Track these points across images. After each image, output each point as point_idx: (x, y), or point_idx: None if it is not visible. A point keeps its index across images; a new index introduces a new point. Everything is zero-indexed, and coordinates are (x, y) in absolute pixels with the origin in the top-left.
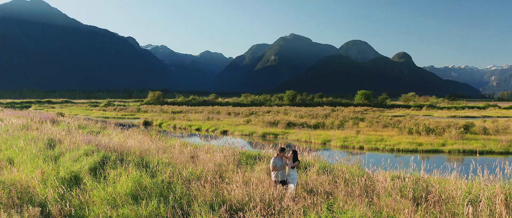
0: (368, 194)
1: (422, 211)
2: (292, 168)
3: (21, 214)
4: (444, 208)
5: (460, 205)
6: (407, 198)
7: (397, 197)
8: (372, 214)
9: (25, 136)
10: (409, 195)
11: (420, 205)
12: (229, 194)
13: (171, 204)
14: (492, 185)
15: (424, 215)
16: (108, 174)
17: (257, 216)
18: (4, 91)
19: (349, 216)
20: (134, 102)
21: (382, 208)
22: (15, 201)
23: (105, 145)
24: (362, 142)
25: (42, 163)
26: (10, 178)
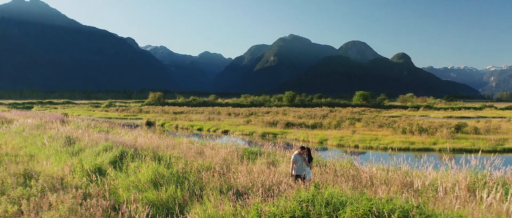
0: (354, 181)
1: (392, 191)
2: (309, 167)
3: (67, 195)
4: (411, 190)
5: (428, 189)
6: (385, 184)
7: (377, 182)
8: (348, 190)
9: (43, 134)
10: (389, 182)
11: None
12: (235, 181)
13: (187, 189)
14: (457, 175)
15: (394, 192)
16: (128, 166)
17: (259, 197)
18: (4, 92)
19: (330, 191)
20: (135, 103)
21: (362, 189)
22: (56, 187)
23: (121, 142)
24: (357, 141)
25: (66, 158)
26: (42, 170)
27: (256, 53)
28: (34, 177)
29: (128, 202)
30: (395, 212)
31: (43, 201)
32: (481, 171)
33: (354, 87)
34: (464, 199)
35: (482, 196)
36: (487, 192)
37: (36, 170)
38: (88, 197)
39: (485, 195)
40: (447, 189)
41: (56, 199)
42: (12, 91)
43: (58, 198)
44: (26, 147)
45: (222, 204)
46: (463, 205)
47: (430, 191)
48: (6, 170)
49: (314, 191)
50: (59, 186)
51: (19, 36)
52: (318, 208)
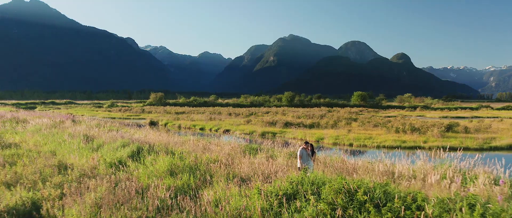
0: (340, 170)
1: (373, 177)
2: (312, 161)
3: (102, 180)
4: (392, 178)
5: (403, 178)
6: (368, 173)
7: (360, 171)
8: (330, 174)
9: (61, 133)
10: (372, 171)
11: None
12: (239, 171)
13: (198, 177)
14: (427, 166)
15: (374, 179)
16: (145, 159)
17: (259, 182)
18: (5, 92)
19: (315, 174)
20: (137, 103)
21: (345, 175)
22: (89, 175)
23: (135, 139)
24: (352, 140)
25: (88, 153)
26: (72, 163)
27: (255, 53)
28: (69, 167)
29: (151, 186)
30: (361, 188)
31: (82, 186)
32: (448, 163)
33: (354, 87)
34: (429, 183)
35: (441, 181)
36: (441, 177)
37: (68, 163)
38: (118, 182)
39: (433, 178)
40: (417, 177)
41: (94, 183)
42: (13, 91)
43: (95, 183)
44: (46, 144)
45: (229, 187)
46: (423, 186)
47: (405, 178)
48: (43, 162)
49: (302, 174)
50: (91, 175)
51: (19, 36)
52: (305, 187)
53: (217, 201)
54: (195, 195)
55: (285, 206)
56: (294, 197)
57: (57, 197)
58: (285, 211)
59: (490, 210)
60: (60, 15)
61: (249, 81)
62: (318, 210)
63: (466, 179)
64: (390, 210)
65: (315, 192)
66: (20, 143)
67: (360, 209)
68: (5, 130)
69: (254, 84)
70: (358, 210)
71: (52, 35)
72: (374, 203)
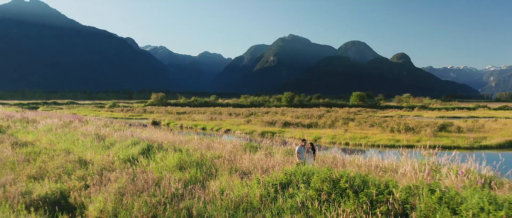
0: (331, 164)
1: (361, 171)
2: (313, 158)
3: (121, 173)
4: (375, 170)
5: (386, 170)
6: (357, 167)
7: (348, 165)
8: (320, 167)
9: (72, 132)
10: (360, 165)
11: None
12: (240, 165)
13: (205, 171)
14: (407, 162)
15: (362, 171)
16: (155, 155)
17: (258, 174)
18: (5, 92)
19: (306, 166)
20: (138, 103)
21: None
22: (107, 169)
23: (144, 137)
24: (348, 139)
25: (101, 150)
26: (90, 159)
27: (255, 53)
28: (89, 163)
29: (164, 178)
30: (343, 177)
31: (103, 178)
32: (427, 159)
33: (354, 87)
34: (402, 174)
35: (417, 173)
36: (414, 169)
37: (86, 159)
38: (136, 175)
39: (407, 170)
40: (398, 170)
41: (115, 175)
42: (13, 91)
43: (116, 175)
44: (59, 142)
45: (232, 179)
46: (398, 177)
47: (389, 171)
48: (64, 158)
49: (295, 167)
50: (110, 169)
51: (19, 36)
52: (297, 177)
53: (222, 190)
54: (203, 186)
55: (280, 193)
56: (288, 185)
57: (81, 187)
58: (280, 197)
59: (447, 194)
60: (60, 15)
61: (249, 81)
62: (307, 196)
63: (439, 172)
64: (365, 195)
65: (306, 181)
66: (34, 141)
67: (341, 194)
68: (16, 130)
69: (254, 84)
70: (340, 195)
71: (52, 35)
72: (353, 189)
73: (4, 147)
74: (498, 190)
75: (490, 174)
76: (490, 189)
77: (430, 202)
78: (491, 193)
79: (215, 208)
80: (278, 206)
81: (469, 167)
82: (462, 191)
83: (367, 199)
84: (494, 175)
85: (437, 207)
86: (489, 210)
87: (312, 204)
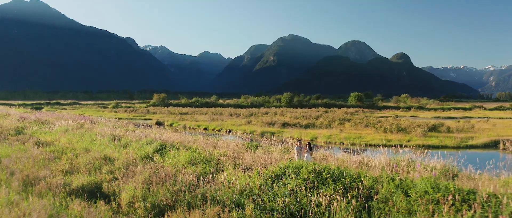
0: (321, 160)
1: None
2: (310, 155)
3: (145, 166)
4: (353, 165)
5: (365, 165)
6: (344, 163)
7: (335, 162)
8: (307, 162)
9: (88, 133)
10: (347, 162)
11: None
12: (243, 162)
13: (212, 166)
14: (383, 158)
15: (342, 165)
16: (168, 153)
17: (258, 169)
18: (6, 92)
19: (297, 161)
20: (140, 104)
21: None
22: (132, 164)
23: (156, 138)
24: (342, 139)
25: (119, 149)
26: (114, 156)
27: (255, 53)
28: (114, 159)
29: (180, 172)
30: (325, 170)
31: (129, 172)
32: (402, 156)
33: (354, 87)
34: (378, 168)
35: (384, 166)
36: (392, 165)
37: (110, 156)
38: (157, 169)
39: (376, 164)
40: (377, 165)
41: (140, 169)
42: (13, 92)
43: (141, 169)
44: (77, 142)
45: (236, 172)
46: (374, 170)
47: (364, 165)
48: (92, 155)
49: (288, 162)
50: (133, 164)
51: (19, 36)
52: (289, 169)
53: (229, 180)
54: (212, 177)
55: (276, 182)
56: (282, 176)
57: (111, 179)
58: (275, 185)
59: (404, 182)
60: (60, 15)
61: (249, 81)
62: (296, 184)
63: (411, 166)
64: (341, 182)
65: (296, 173)
66: (54, 141)
67: (323, 182)
68: (34, 131)
69: (254, 84)
70: (322, 183)
71: (52, 35)
72: (333, 179)
73: (29, 146)
74: (456, 180)
75: (450, 167)
76: (450, 179)
77: (389, 187)
78: (435, 181)
79: (224, 193)
80: (273, 192)
81: (435, 163)
82: (418, 180)
83: (342, 186)
84: (454, 168)
85: (394, 191)
86: (430, 193)
87: (300, 190)
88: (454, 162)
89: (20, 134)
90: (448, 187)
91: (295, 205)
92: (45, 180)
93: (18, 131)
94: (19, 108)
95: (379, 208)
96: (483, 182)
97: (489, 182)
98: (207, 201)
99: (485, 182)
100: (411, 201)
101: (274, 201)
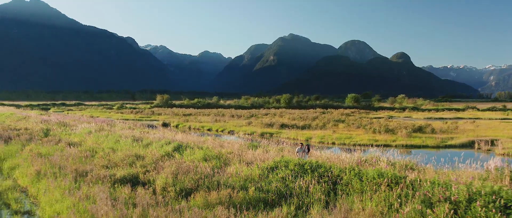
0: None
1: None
2: (307, 155)
3: (170, 161)
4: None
5: (343, 161)
6: (328, 159)
7: (319, 158)
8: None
9: (113, 134)
10: (332, 158)
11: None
12: (246, 158)
13: (222, 162)
14: (354, 156)
15: (321, 160)
16: (184, 151)
17: (258, 163)
18: (11, 93)
19: (287, 157)
20: (143, 105)
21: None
22: (160, 159)
23: (174, 139)
24: (334, 139)
25: (142, 148)
26: (143, 154)
27: (255, 53)
28: (143, 156)
29: (198, 165)
30: (307, 163)
31: (158, 166)
32: (371, 154)
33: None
34: (352, 163)
35: (363, 162)
36: (364, 161)
37: (139, 154)
38: (180, 164)
39: (345, 159)
40: (347, 161)
41: (167, 164)
42: (17, 92)
43: (168, 163)
44: (103, 143)
45: (241, 166)
46: (343, 163)
47: (344, 160)
48: (123, 152)
49: (281, 158)
50: (161, 160)
51: (19, 36)
52: (281, 163)
53: (236, 172)
54: (223, 170)
55: (271, 172)
56: (276, 168)
57: (144, 172)
58: (270, 175)
59: (361, 172)
60: (60, 15)
61: (249, 80)
62: (286, 173)
63: (377, 162)
64: (317, 172)
65: (285, 166)
66: (81, 142)
67: (305, 172)
68: (59, 132)
69: (254, 84)
70: (304, 173)
71: (52, 35)
72: (311, 169)
73: (63, 146)
74: (408, 171)
75: (410, 163)
76: (403, 171)
77: (350, 175)
78: (380, 170)
79: (233, 180)
80: (269, 179)
81: (396, 159)
82: (370, 170)
83: (318, 174)
84: (413, 163)
85: (353, 177)
86: (376, 178)
87: (288, 178)
88: (415, 159)
89: (48, 135)
90: (387, 174)
91: (284, 188)
92: (92, 172)
93: (45, 133)
94: (33, 110)
95: (342, 189)
96: (425, 173)
97: (431, 173)
98: (221, 185)
99: (428, 172)
100: (363, 184)
101: (269, 185)
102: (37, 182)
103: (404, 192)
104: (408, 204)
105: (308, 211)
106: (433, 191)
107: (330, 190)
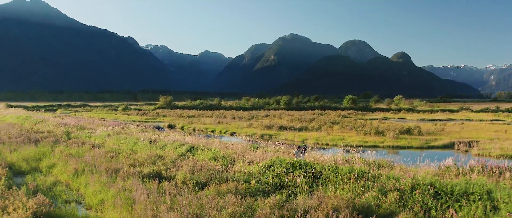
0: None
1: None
2: (304, 156)
3: (187, 160)
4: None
5: (326, 159)
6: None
7: (311, 159)
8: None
9: (131, 137)
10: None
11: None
12: (248, 158)
13: (228, 161)
14: (338, 156)
15: (309, 159)
16: (196, 152)
17: (258, 162)
18: (13, 93)
19: (281, 156)
20: (147, 106)
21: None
22: (177, 159)
23: (185, 141)
24: (328, 141)
25: (158, 150)
26: (162, 154)
27: (256, 52)
28: (163, 157)
29: (209, 164)
30: (296, 162)
31: (177, 164)
32: (354, 154)
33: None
34: (328, 160)
35: (346, 161)
36: (347, 160)
37: (159, 154)
38: (195, 162)
39: (328, 158)
40: (329, 160)
41: (186, 162)
42: (20, 92)
43: (186, 162)
44: (122, 144)
45: (244, 164)
46: (326, 162)
47: (327, 159)
48: (145, 152)
49: (276, 157)
50: (178, 159)
51: (19, 36)
52: (276, 162)
53: (240, 169)
54: (229, 167)
55: (268, 169)
56: (272, 166)
57: (166, 169)
58: (267, 171)
59: (338, 169)
60: (60, 15)
61: (249, 80)
62: (280, 170)
63: (356, 161)
64: (304, 169)
65: (279, 164)
66: (102, 144)
67: (294, 169)
68: (79, 135)
69: (254, 84)
70: (294, 169)
71: (53, 35)
72: (299, 167)
73: (88, 148)
74: (383, 169)
75: (386, 161)
76: (376, 168)
77: (329, 171)
78: (351, 167)
79: (238, 175)
80: (266, 175)
81: (373, 159)
82: (344, 167)
83: (304, 171)
84: (388, 161)
85: (330, 173)
86: (348, 173)
87: (282, 173)
88: (389, 159)
89: (71, 138)
90: (356, 170)
91: (278, 181)
92: (123, 169)
93: (68, 136)
94: (46, 112)
95: (322, 182)
96: (393, 170)
97: (398, 170)
98: (229, 179)
99: (396, 169)
100: (338, 178)
101: (266, 179)
102: (76, 178)
103: (367, 183)
104: (369, 192)
105: (295, 198)
106: (387, 182)
107: (313, 183)
